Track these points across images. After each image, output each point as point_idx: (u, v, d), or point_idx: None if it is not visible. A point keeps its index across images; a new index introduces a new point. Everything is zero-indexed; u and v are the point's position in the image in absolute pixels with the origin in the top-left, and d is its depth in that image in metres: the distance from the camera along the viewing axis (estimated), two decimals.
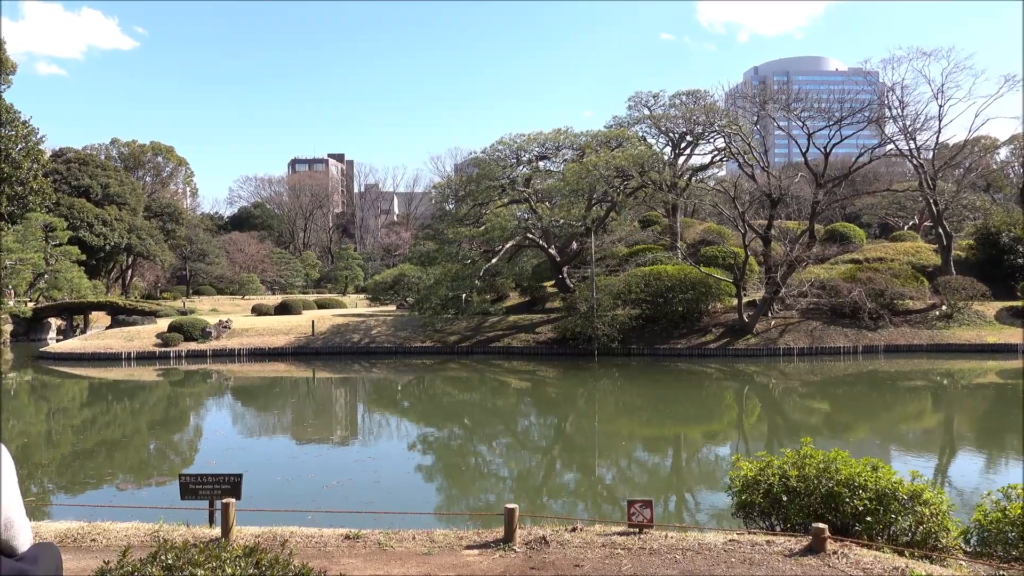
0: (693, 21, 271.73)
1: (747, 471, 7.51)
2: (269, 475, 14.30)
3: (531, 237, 39.24)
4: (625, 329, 34.07)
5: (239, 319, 43.02)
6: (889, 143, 41.82)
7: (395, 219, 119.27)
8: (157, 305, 50.29)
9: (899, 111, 40.04)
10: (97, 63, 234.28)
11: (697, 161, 47.13)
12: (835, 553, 6.16)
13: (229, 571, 3.17)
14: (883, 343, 34.13)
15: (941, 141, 41.83)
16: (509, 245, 39.13)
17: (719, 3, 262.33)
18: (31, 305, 48.69)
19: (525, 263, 43.01)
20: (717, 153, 45.13)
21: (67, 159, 67.43)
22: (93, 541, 6.90)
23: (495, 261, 37.99)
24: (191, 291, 75.93)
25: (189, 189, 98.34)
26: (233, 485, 7.95)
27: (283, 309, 49.69)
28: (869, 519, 6.74)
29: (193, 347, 35.91)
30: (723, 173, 53.62)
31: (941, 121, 39.92)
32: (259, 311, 51.05)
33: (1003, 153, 59.94)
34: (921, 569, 5.96)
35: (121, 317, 42.87)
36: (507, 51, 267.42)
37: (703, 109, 43.44)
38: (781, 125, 40.92)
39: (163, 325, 38.26)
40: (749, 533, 6.99)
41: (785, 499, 7.06)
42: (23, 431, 20.63)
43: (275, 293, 75.23)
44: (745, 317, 34.52)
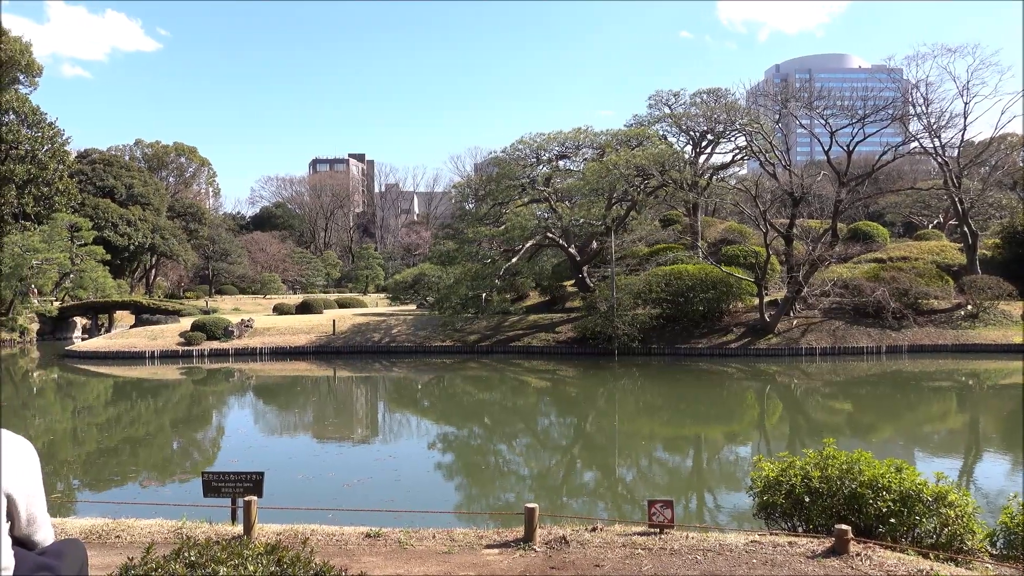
0: (713, 19, 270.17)
1: (769, 472, 7.45)
2: (290, 473, 14.40)
3: (551, 236, 39.19)
4: (645, 328, 33.94)
5: (261, 318, 43.33)
6: (913, 141, 41.36)
7: (415, 219, 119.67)
8: (180, 304, 50.77)
9: (923, 108, 39.61)
10: (121, 65, 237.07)
11: (718, 160, 46.95)
12: (858, 555, 6.09)
13: (251, 568, 3.18)
14: (907, 343, 33.76)
15: (966, 139, 41.36)
16: (529, 244, 39.11)
17: (740, 2, 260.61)
18: (57, 304, 49.33)
19: (545, 262, 42.96)
20: (738, 152, 44.90)
21: (92, 160, 68.23)
22: (118, 538, 6.97)
23: (515, 260, 37.98)
24: (213, 290, 76.54)
25: (212, 189, 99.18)
26: (255, 483, 7.99)
27: (304, 308, 49.97)
28: (893, 521, 6.67)
29: (215, 346, 36.21)
30: (744, 172, 53.34)
31: (966, 118, 39.41)
32: (280, 310, 51.39)
33: None
34: (946, 572, 5.88)
35: (145, 316, 43.34)
36: (527, 51, 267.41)
37: (724, 107, 43.21)
38: (803, 123, 40.61)
39: (186, 324, 38.61)
40: (771, 534, 6.94)
41: (807, 500, 7.00)
42: (49, 428, 20.91)
43: (296, 292, 75.70)
44: (767, 317, 34.28)
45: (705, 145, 45.66)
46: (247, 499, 6.85)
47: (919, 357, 32.69)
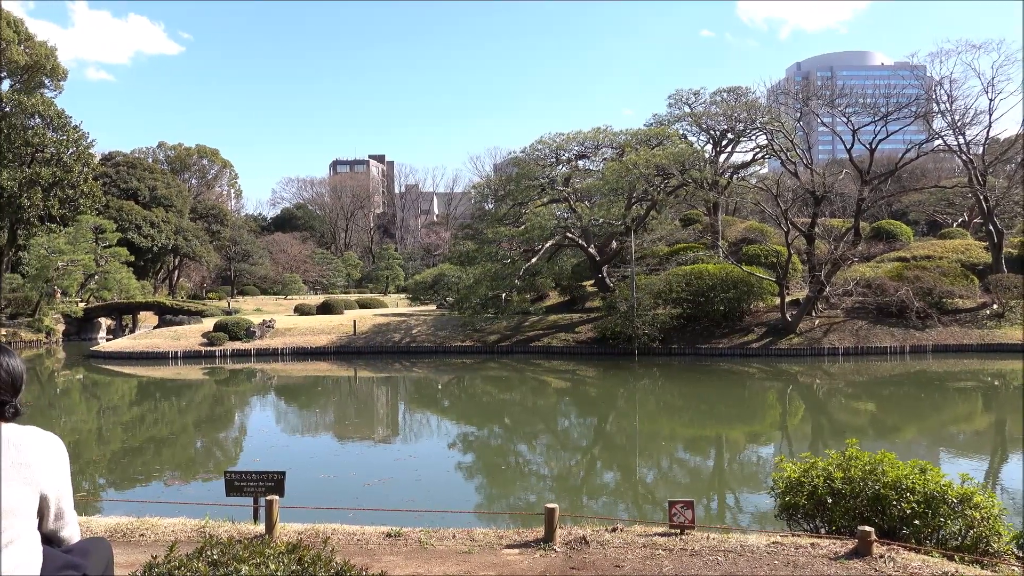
0: (734, 17, 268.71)
1: (790, 472, 7.40)
2: (312, 473, 14.48)
3: (570, 236, 39.14)
4: (666, 328, 33.81)
5: (282, 319, 43.63)
6: (937, 138, 40.80)
7: (435, 219, 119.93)
8: (203, 305, 51.23)
9: (947, 105, 39.07)
10: (144, 68, 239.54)
11: (738, 159, 46.61)
12: (882, 557, 6.04)
13: (272, 567, 3.21)
14: (931, 343, 33.38)
15: (991, 136, 40.79)
16: (548, 244, 39.08)
17: (761, 1, 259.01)
18: (82, 305, 49.95)
19: (564, 262, 42.91)
20: (759, 150, 44.57)
21: (116, 163, 69.04)
22: (142, 536, 7.04)
23: (535, 260, 37.97)
24: (235, 291, 77.16)
25: (233, 191, 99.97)
26: (276, 482, 8.05)
27: (325, 309, 50.24)
28: (917, 523, 6.59)
29: (238, 346, 36.50)
30: (765, 171, 52.90)
31: (991, 115, 38.84)
32: (302, 311, 51.69)
33: None
34: (972, 574, 5.81)
35: (168, 317, 43.78)
36: (546, 50, 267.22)
37: (744, 106, 42.90)
38: (824, 121, 40.26)
39: (208, 325, 38.95)
40: (793, 535, 6.89)
41: (830, 501, 6.94)
42: (75, 428, 21.18)
43: (317, 293, 76.09)
44: (788, 316, 34.03)
45: (725, 144, 45.38)
46: (269, 498, 6.90)
47: (944, 357, 32.31)
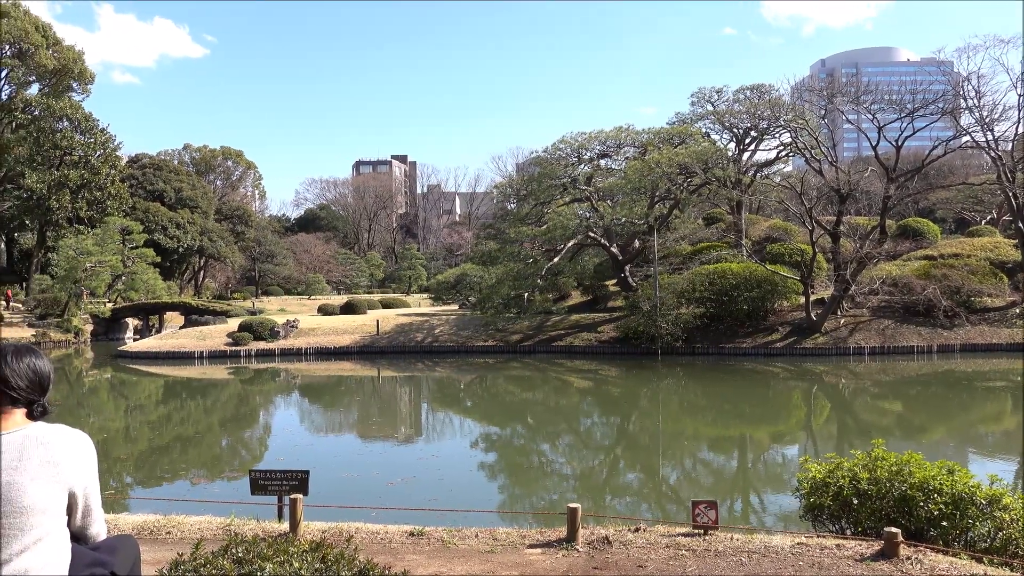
0: (757, 15, 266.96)
1: (815, 473, 7.34)
2: (335, 472, 14.57)
3: (593, 236, 39.05)
4: (689, 328, 33.62)
5: (306, 319, 43.91)
6: (965, 135, 40.20)
7: (457, 219, 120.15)
8: (228, 305, 51.68)
9: (975, 101, 38.45)
10: (169, 71, 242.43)
11: (762, 157, 46.20)
12: (908, 559, 5.97)
13: (296, 565, 3.23)
14: (959, 342, 32.93)
15: (1021, 132, 40.08)
16: (571, 244, 39.01)
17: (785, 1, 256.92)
18: (110, 306, 50.59)
19: (587, 262, 42.81)
20: (783, 148, 44.17)
21: (142, 164, 69.89)
22: (168, 534, 7.12)
23: (557, 260, 37.92)
24: (260, 291, 77.78)
25: (257, 192, 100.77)
26: (300, 481, 8.11)
27: (348, 309, 50.50)
28: (945, 524, 6.51)
29: (262, 346, 36.80)
30: (789, 169, 52.36)
31: (1021, 111, 38.19)
32: (325, 311, 52.01)
33: None
34: None
35: (194, 317, 44.22)
36: (570, 50, 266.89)
37: (768, 104, 42.55)
38: (850, 118, 39.78)
39: (233, 325, 39.29)
40: (818, 536, 6.83)
41: (856, 502, 6.87)
42: (103, 427, 21.45)
43: (340, 293, 76.51)
44: (813, 315, 33.71)
45: (749, 142, 45.02)
46: (293, 497, 6.95)
47: (972, 356, 31.86)
